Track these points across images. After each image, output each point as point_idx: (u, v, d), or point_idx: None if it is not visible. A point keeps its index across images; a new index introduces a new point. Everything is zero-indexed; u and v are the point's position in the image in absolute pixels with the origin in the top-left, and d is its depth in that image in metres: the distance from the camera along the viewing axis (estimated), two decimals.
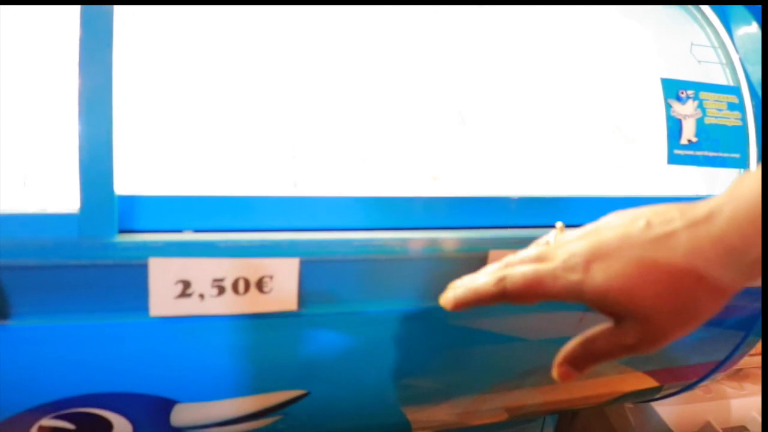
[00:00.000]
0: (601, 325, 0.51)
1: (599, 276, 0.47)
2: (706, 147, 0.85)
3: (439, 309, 0.66)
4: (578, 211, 0.77)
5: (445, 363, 0.73)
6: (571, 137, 0.82)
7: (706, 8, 0.94)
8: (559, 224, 0.57)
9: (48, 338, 0.56)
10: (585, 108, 0.83)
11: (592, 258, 0.47)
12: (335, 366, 0.66)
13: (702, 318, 0.47)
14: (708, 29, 0.93)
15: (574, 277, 0.48)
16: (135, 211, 0.59)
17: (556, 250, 0.51)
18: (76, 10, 0.56)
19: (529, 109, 0.81)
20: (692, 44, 0.89)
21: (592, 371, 0.79)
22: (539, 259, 0.51)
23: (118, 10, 0.57)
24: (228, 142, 0.68)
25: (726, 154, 0.86)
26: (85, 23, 0.55)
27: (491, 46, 0.82)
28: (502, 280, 0.50)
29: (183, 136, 0.67)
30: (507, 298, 0.50)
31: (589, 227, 0.52)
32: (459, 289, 0.54)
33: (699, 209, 0.46)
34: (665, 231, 0.46)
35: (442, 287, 0.64)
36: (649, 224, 0.47)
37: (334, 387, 0.68)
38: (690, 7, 0.95)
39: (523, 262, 0.52)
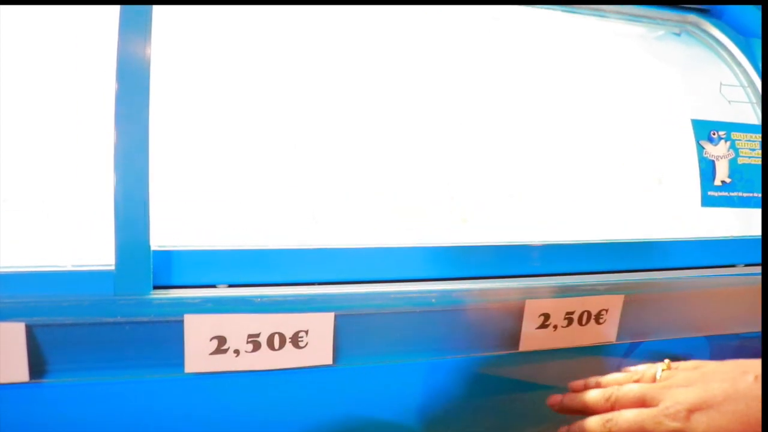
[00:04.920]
0: None
1: (701, 426, 0.49)
2: (741, 188, 0.84)
3: (477, 359, 0.65)
4: (614, 255, 0.76)
5: (482, 413, 0.71)
6: (603, 181, 0.81)
7: (733, 47, 0.93)
8: (666, 361, 0.58)
9: (84, 395, 0.56)
10: (616, 152, 0.82)
11: (695, 408, 0.49)
12: (371, 420, 0.65)
13: None
14: (736, 68, 0.92)
15: (676, 424, 0.50)
16: (170, 266, 0.58)
17: (660, 394, 0.52)
18: (112, 60, 0.56)
19: (560, 154, 0.80)
20: (721, 84, 0.89)
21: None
22: (643, 399, 0.53)
23: (154, 61, 0.58)
24: (253, 192, 0.68)
25: (761, 195, 0.85)
26: (122, 76, 0.56)
27: (516, 90, 0.82)
28: (608, 421, 0.53)
29: (212, 186, 0.67)
30: None
31: (695, 372, 0.54)
32: (571, 402, 0.58)
33: None
34: None
35: (479, 337, 0.63)
36: (757, 379, 0.49)
37: None
38: (716, 46, 0.95)
39: (627, 398, 0.54)
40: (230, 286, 0.59)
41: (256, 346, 0.58)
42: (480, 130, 0.77)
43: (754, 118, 0.89)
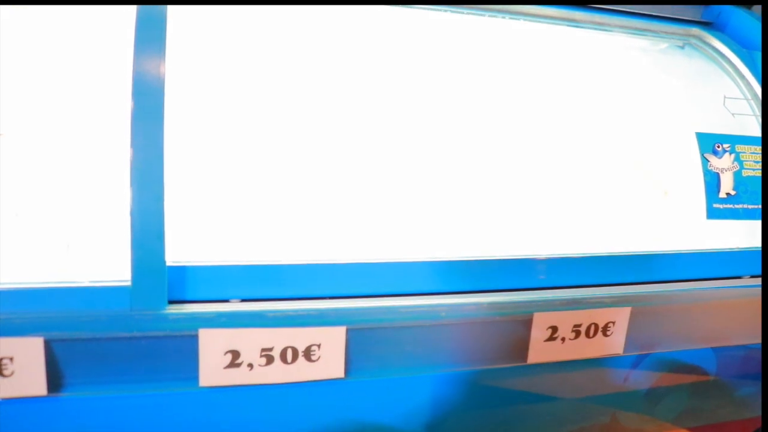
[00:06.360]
0: None
1: None
2: (746, 200, 0.85)
3: (486, 371, 0.66)
4: (621, 268, 0.76)
5: (491, 425, 0.72)
6: (609, 194, 0.81)
7: (736, 60, 0.94)
8: None
9: (100, 409, 0.57)
10: (622, 165, 0.83)
11: None
12: None
13: None
14: (740, 81, 0.93)
15: None
16: (184, 281, 0.59)
17: None
18: (127, 78, 0.58)
19: (566, 167, 0.81)
20: (725, 97, 0.90)
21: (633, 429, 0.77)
22: None
23: (169, 78, 0.59)
24: (265, 208, 0.68)
25: (761, 206, 0.85)
26: (137, 94, 0.57)
27: (523, 105, 0.83)
28: None
29: (225, 202, 0.67)
30: None
31: None
32: None
33: None
34: None
35: (488, 350, 0.63)
36: None
37: None
38: (720, 59, 0.96)
39: None
40: (243, 300, 0.60)
41: (270, 360, 0.58)
42: (487, 144, 0.78)
43: (758, 130, 0.89)
